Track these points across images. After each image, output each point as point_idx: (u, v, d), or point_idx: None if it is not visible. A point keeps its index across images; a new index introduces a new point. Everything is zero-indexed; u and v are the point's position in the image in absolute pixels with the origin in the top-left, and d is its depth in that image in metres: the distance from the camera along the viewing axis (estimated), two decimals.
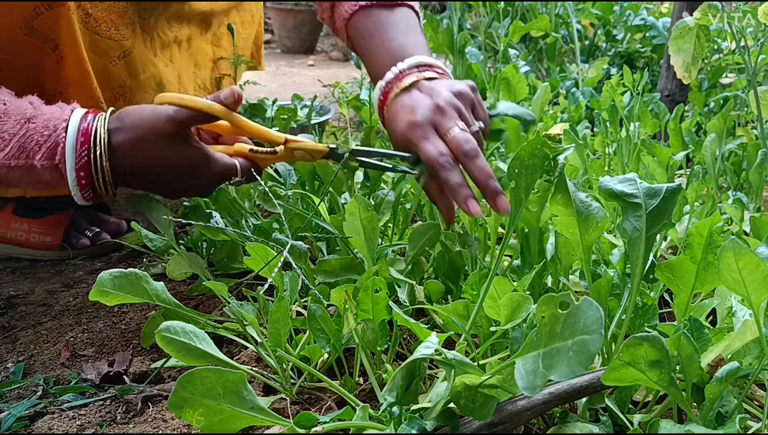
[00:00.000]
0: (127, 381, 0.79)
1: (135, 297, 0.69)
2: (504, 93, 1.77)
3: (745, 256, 0.54)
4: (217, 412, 0.55)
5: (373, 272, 0.74)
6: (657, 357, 0.53)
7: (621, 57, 2.29)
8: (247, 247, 0.78)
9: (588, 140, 1.39)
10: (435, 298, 0.80)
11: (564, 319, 0.47)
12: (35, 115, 0.83)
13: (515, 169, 0.67)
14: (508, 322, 0.65)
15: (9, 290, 1.05)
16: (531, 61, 2.16)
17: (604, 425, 0.62)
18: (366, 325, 0.67)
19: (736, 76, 1.70)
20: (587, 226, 0.67)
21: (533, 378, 0.47)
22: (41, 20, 0.93)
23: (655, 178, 1.16)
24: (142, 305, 0.97)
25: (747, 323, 0.61)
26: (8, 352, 0.88)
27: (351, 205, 0.80)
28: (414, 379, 0.61)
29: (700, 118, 1.55)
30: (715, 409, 0.58)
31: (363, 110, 1.54)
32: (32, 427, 0.69)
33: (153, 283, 0.71)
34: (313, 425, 0.55)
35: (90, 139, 0.82)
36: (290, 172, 1.14)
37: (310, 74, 3.58)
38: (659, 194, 0.64)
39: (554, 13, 2.21)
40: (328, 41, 4.65)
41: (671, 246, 1.08)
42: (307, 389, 0.73)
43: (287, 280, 0.77)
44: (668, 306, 0.89)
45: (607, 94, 1.32)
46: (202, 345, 0.63)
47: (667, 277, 0.66)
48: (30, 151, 0.81)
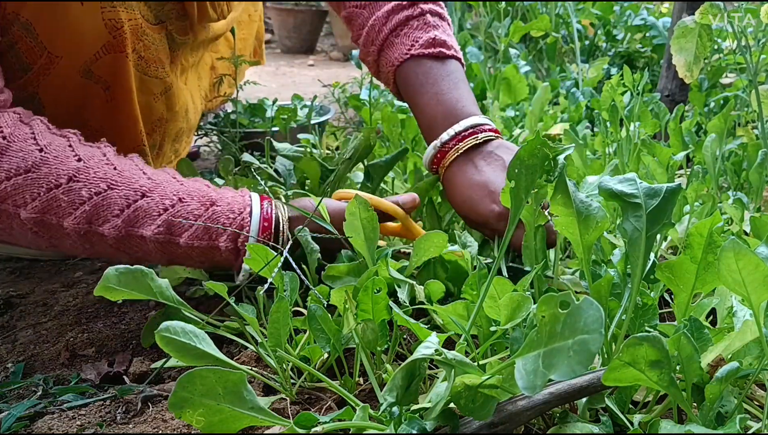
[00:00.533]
0: (127, 381, 0.79)
1: (139, 293, 0.70)
2: (504, 93, 1.78)
3: (745, 256, 0.53)
4: (217, 412, 0.55)
5: (373, 272, 0.74)
6: (657, 357, 0.53)
7: (621, 57, 2.29)
8: (247, 247, 0.78)
9: (588, 140, 1.39)
10: (435, 298, 0.80)
11: (564, 318, 0.47)
12: (220, 199, 0.86)
13: (515, 169, 0.67)
14: (508, 322, 0.65)
15: (9, 290, 1.05)
16: (531, 61, 2.16)
17: (604, 425, 0.62)
18: (366, 325, 0.67)
19: (737, 76, 1.70)
20: (587, 226, 0.67)
21: (533, 378, 0.47)
22: (99, 65, 0.93)
23: (656, 178, 1.16)
24: (142, 305, 0.97)
25: (747, 323, 0.61)
26: (8, 352, 0.88)
27: (351, 205, 0.80)
28: (414, 379, 0.60)
29: (701, 118, 1.55)
30: (715, 409, 0.58)
31: (363, 110, 1.54)
32: (32, 427, 0.69)
33: (158, 280, 0.71)
34: (313, 425, 0.55)
35: (272, 225, 0.86)
36: (290, 173, 1.14)
37: (310, 74, 3.58)
38: (659, 194, 0.64)
39: (554, 13, 2.21)
40: (328, 41, 4.65)
41: (671, 246, 1.08)
42: (307, 389, 0.73)
43: (287, 280, 0.77)
44: (668, 306, 0.89)
45: (607, 94, 1.32)
46: (202, 345, 0.63)
47: (667, 277, 0.66)
48: (214, 233, 0.84)
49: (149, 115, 1.06)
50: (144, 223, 0.81)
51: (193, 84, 1.26)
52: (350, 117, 1.98)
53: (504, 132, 1.51)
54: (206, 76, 1.38)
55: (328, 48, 4.42)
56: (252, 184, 1.12)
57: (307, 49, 4.26)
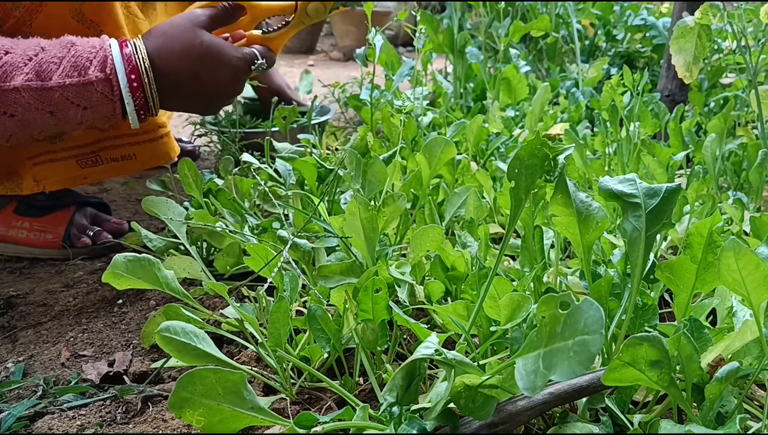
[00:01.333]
0: (127, 381, 0.79)
1: (146, 283, 0.70)
2: (504, 93, 1.78)
3: (745, 256, 0.53)
4: (217, 412, 0.55)
5: (373, 272, 0.74)
6: (657, 357, 0.53)
7: (621, 57, 2.28)
8: (247, 247, 0.78)
9: (588, 140, 1.39)
10: (435, 298, 0.80)
11: (564, 319, 0.47)
12: (79, 40, 0.92)
13: (515, 169, 0.67)
14: (508, 322, 0.65)
15: (9, 290, 1.05)
16: (531, 61, 2.16)
17: (604, 425, 0.62)
18: (366, 325, 0.67)
19: (737, 76, 1.70)
20: (587, 226, 0.67)
21: (533, 378, 0.47)
22: (89, 6, 1.00)
23: (655, 178, 1.16)
24: (142, 305, 0.97)
25: (747, 323, 0.61)
26: (8, 352, 0.88)
27: (351, 205, 0.80)
28: (414, 379, 0.60)
29: (700, 118, 1.55)
30: (715, 409, 0.58)
31: (363, 110, 1.54)
32: (32, 427, 0.69)
33: (164, 270, 0.71)
34: (313, 425, 0.55)
35: (132, 47, 0.93)
36: (290, 173, 1.14)
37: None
38: (659, 194, 0.64)
39: (554, 13, 2.21)
40: (328, 41, 4.65)
41: (671, 246, 1.08)
42: (307, 389, 0.73)
43: (287, 280, 0.77)
44: (668, 306, 0.89)
45: (607, 94, 1.32)
46: (202, 345, 0.63)
47: (667, 277, 0.66)
48: (82, 68, 0.89)
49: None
50: (13, 76, 0.86)
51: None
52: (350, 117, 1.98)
53: (504, 132, 1.51)
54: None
55: (328, 48, 4.41)
56: (252, 184, 1.12)
57: (307, 50, 4.26)
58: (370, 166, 0.99)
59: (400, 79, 1.62)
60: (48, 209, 1.16)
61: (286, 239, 0.85)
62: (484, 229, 0.88)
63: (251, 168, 1.19)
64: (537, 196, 0.73)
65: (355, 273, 0.82)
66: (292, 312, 0.83)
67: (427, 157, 1.06)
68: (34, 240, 1.16)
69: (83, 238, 1.16)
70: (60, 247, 1.16)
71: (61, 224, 1.16)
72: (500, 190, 1.09)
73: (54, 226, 1.16)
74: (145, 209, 1.00)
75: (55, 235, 1.15)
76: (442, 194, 1.13)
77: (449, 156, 1.06)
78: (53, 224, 1.16)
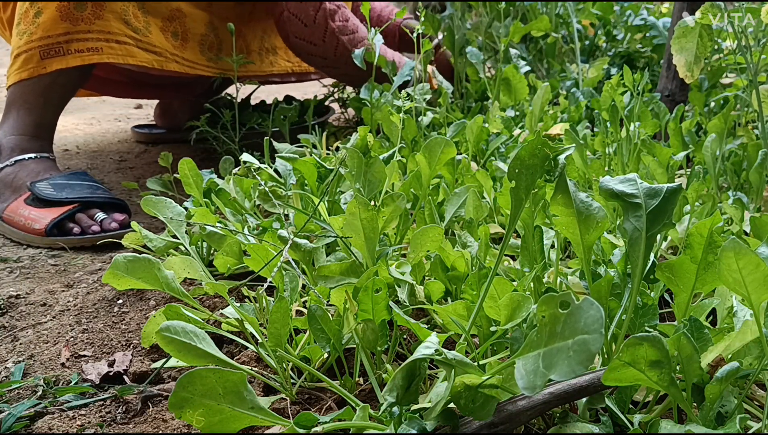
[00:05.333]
0: (127, 381, 0.79)
1: (146, 283, 0.70)
2: (504, 93, 1.78)
3: (745, 256, 0.53)
4: (217, 413, 0.55)
5: (373, 272, 0.74)
6: (657, 357, 0.53)
7: (621, 57, 2.28)
8: (247, 247, 0.78)
9: (588, 140, 1.39)
10: (435, 298, 0.80)
11: (564, 318, 0.47)
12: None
13: (515, 169, 0.67)
14: (508, 322, 0.65)
15: (9, 290, 1.05)
16: (531, 61, 2.16)
17: (604, 425, 0.62)
18: (366, 325, 0.67)
19: (737, 76, 1.70)
20: (588, 226, 0.67)
21: (533, 378, 0.47)
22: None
23: (656, 178, 1.16)
24: (142, 305, 0.97)
25: (747, 323, 0.61)
26: (8, 352, 0.88)
27: (351, 205, 0.80)
28: (414, 379, 0.60)
29: (701, 118, 1.55)
30: (715, 409, 0.58)
31: (363, 110, 1.54)
32: (32, 427, 0.69)
33: (165, 270, 0.71)
34: (313, 425, 0.55)
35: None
36: (290, 172, 1.14)
37: None
38: (659, 194, 0.64)
39: (554, 13, 2.21)
40: None
41: (671, 246, 1.08)
42: (307, 389, 0.73)
43: (287, 280, 0.77)
44: (668, 306, 0.89)
45: (607, 94, 1.32)
46: (202, 345, 0.63)
47: (667, 277, 0.66)
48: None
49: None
50: (356, 44, 1.69)
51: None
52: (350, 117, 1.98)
53: (504, 132, 1.51)
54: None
55: None
56: (252, 184, 1.12)
57: None
58: (370, 166, 0.99)
59: (401, 79, 1.62)
60: (52, 202, 1.27)
61: (286, 239, 0.85)
62: (484, 229, 0.88)
63: (251, 168, 1.19)
64: (537, 196, 0.73)
65: (355, 273, 0.82)
66: (292, 312, 0.83)
67: (427, 157, 1.06)
68: (26, 226, 1.26)
69: (74, 228, 1.24)
70: (44, 235, 1.24)
71: (53, 214, 1.25)
72: (500, 190, 1.09)
73: (46, 217, 1.25)
74: (145, 209, 1.00)
75: (41, 225, 1.24)
76: (442, 194, 1.13)
77: (449, 156, 1.06)
78: (46, 215, 1.25)
